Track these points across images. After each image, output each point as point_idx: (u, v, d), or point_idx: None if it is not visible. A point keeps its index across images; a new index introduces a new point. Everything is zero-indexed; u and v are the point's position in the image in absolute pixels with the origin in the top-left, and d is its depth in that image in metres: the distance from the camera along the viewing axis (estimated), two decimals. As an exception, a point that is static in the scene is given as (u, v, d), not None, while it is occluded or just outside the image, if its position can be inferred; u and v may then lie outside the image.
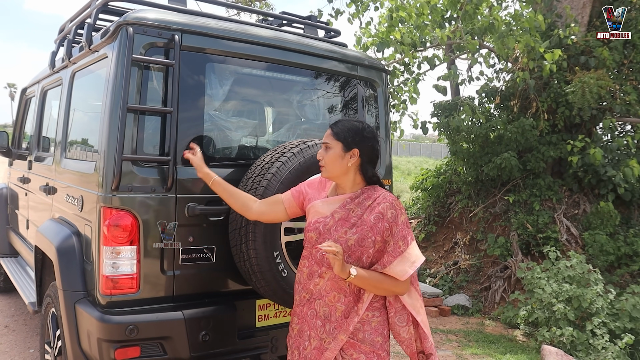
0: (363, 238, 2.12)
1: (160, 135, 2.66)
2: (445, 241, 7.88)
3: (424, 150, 47.41)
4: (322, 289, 2.18)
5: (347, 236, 2.14)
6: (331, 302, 2.17)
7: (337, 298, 2.16)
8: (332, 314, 2.17)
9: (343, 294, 2.16)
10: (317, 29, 3.78)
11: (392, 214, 2.15)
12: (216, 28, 2.84)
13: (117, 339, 2.49)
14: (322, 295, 2.18)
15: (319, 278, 2.20)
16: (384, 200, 2.18)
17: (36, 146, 4.32)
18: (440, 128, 7.67)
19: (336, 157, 2.20)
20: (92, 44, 2.97)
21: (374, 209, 2.16)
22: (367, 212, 2.16)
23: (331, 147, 2.22)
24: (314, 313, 2.21)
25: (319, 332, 2.18)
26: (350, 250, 2.13)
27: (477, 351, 4.93)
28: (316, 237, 2.19)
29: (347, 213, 2.19)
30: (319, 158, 2.26)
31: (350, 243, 2.12)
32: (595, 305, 4.88)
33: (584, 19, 7.19)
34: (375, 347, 2.15)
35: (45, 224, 3.37)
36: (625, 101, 6.90)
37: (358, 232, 2.13)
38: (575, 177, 7.12)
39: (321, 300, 2.19)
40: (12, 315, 5.11)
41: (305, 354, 2.20)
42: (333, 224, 2.18)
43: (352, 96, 3.47)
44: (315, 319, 2.20)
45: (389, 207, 2.15)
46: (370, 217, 2.14)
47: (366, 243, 2.12)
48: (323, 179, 2.39)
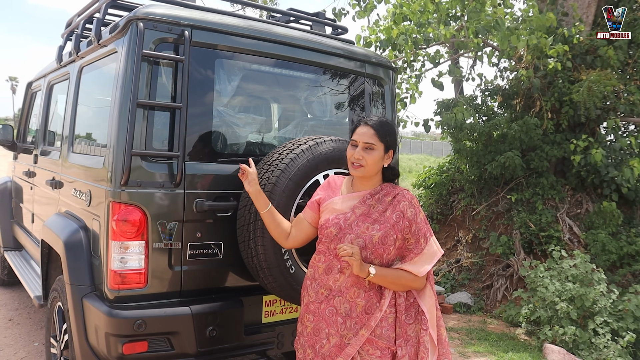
0: (386, 236, 2.14)
1: (169, 130, 2.66)
2: (447, 239, 7.89)
3: (425, 147, 47.43)
4: (342, 284, 2.18)
5: (370, 232, 2.15)
6: (352, 298, 2.17)
7: (357, 294, 2.17)
8: (352, 310, 2.17)
9: (363, 289, 2.17)
10: (324, 25, 3.78)
11: (412, 213, 2.17)
12: (226, 24, 2.85)
13: (125, 333, 2.50)
14: (342, 291, 2.18)
15: (339, 274, 2.20)
16: (403, 199, 2.20)
17: (42, 140, 4.32)
18: (444, 126, 7.66)
19: (379, 159, 2.21)
20: (101, 38, 2.96)
21: (395, 207, 2.18)
22: (389, 210, 2.18)
23: (375, 148, 2.20)
24: (333, 310, 2.20)
25: (340, 329, 2.17)
26: (374, 247, 2.14)
27: (479, 349, 4.94)
28: (337, 232, 2.19)
29: (368, 209, 2.20)
30: (359, 157, 2.19)
31: (375, 240, 2.14)
32: (598, 304, 4.89)
33: (589, 19, 7.18)
34: (390, 342, 2.16)
35: (51, 218, 3.37)
36: (629, 101, 6.89)
37: (382, 229, 2.14)
38: (578, 176, 7.12)
39: (341, 297, 2.18)
40: (17, 309, 5.12)
41: (323, 352, 2.20)
42: (354, 219, 2.19)
43: (360, 93, 3.47)
44: (335, 316, 2.19)
45: (409, 205, 2.18)
46: (393, 215, 2.16)
47: (388, 241, 2.14)
48: (333, 180, 2.39)
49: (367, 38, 7.03)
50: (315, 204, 2.35)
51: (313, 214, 2.35)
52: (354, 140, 2.24)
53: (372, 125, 2.22)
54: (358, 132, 2.24)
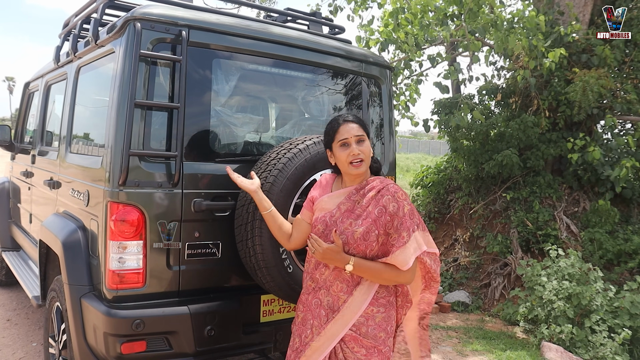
0: (368, 232, 2.13)
1: (167, 130, 2.67)
2: (445, 238, 7.91)
3: (423, 147, 47.43)
4: (327, 278, 2.22)
5: (352, 228, 2.16)
6: (335, 292, 2.20)
7: (341, 288, 2.20)
8: (335, 303, 2.20)
9: (346, 283, 2.19)
10: (321, 25, 3.78)
11: (394, 207, 2.15)
12: (223, 24, 2.85)
13: (124, 333, 2.51)
14: (326, 284, 2.22)
15: (324, 267, 2.24)
16: (387, 192, 2.18)
17: (40, 140, 4.32)
18: (441, 125, 7.68)
19: (370, 148, 2.25)
20: (99, 39, 2.97)
21: (378, 202, 2.17)
22: (371, 204, 2.18)
23: (365, 139, 2.23)
24: (318, 302, 2.24)
25: (322, 321, 2.21)
26: (355, 242, 2.14)
27: (477, 347, 4.96)
28: (323, 228, 2.22)
29: (353, 205, 2.21)
30: (356, 153, 2.18)
31: (357, 236, 2.14)
32: (595, 302, 4.91)
33: (585, 17, 7.19)
34: (378, 342, 2.17)
35: (49, 219, 3.37)
36: (625, 100, 6.91)
37: (364, 224, 2.14)
38: (575, 175, 7.14)
39: (325, 290, 2.22)
40: (14, 309, 5.12)
41: (307, 342, 2.23)
42: (339, 216, 2.21)
43: (357, 93, 3.48)
44: (319, 309, 2.23)
45: (391, 199, 2.16)
46: (375, 210, 2.16)
47: (370, 237, 2.13)
48: (325, 179, 2.40)
49: (367, 38, 7.03)
50: (310, 203, 2.37)
51: (309, 214, 2.37)
52: (344, 139, 2.20)
53: (353, 120, 2.25)
54: (343, 130, 2.22)
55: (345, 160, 2.19)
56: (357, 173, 2.21)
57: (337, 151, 2.22)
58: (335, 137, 2.24)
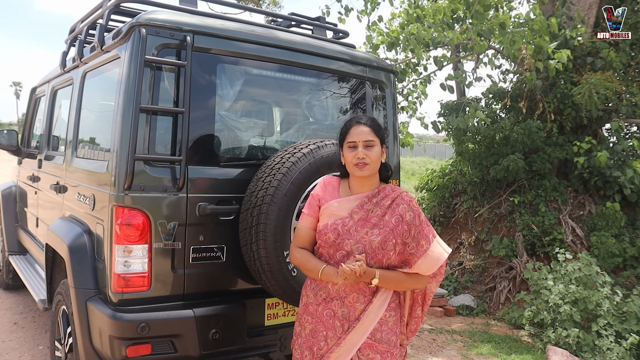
0: (385, 241, 2.13)
1: (172, 135, 2.69)
2: (450, 241, 7.89)
3: (428, 150, 47.30)
4: (340, 289, 2.18)
5: (369, 237, 2.14)
6: (350, 302, 2.17)
7: (357, 298, 2.17)
8: (350, 314, 2.17)
9: (362, 294, 2.17)
10: (325, 30, 3.80)
11: (411, 216, 2.17)
12: (227, 29, 2.87)
13: (129, 336, 2.52)
14: (340, 295, 2.18)
15: None
16: (402, 202, 2.19)
17: (46, 145, 4.36)
18: (448, 128, 7.68)
19: (380, 154, 2.22)
20: (104, 44, 3.00)
21: (394, 211, 2.17)
22: (388, 214, 2.17)
23: (375, 144, 2.20)
24: (330, 313, 2.19)
25: (338, 332, 2.17)
26: (373, 252, 2.13)
27: (482, 351, 4.95)
28: (335, 237, 2.17)
29: (367, 213, 2.19)
30: (362, 157, 2.16)
31: (375, 245, 2.13)
32: (602, 307, 4.89)
33: (591, 20, 7.18)
34: (390, 346, 2.18)
35: (56, 222, 3.40)
36: (631, 102, 6.89)
37: (381, 233, 2.13)
38: (580, 178, 7.12)
39: (339, 301, 2.18)
40: (21, 313, 5.15)
41: (321, 354, 2.19)
42: (353, 225, 2.17)
43: (361, 97, 3.49)
44: (333, 320, 2.19)
45: (407, 208, 2.17)
46: (392, 219, 2.15)
47: (388, 246, 2.13)
48: (329, 181, 2.34)
49: (382, 38, 7.02)
50: (316, 207, 2.28)
51: (313, 220, 2.27)
52: (352, 142, 2.20)
53: (366, 123, 2.23)
54: (353, 132, 2.21)
55: (351, 162, 2.21)
56: (360, 175, 2.20)
57: (345, 152, 2.24)
58: (345, 138, 2.24)
